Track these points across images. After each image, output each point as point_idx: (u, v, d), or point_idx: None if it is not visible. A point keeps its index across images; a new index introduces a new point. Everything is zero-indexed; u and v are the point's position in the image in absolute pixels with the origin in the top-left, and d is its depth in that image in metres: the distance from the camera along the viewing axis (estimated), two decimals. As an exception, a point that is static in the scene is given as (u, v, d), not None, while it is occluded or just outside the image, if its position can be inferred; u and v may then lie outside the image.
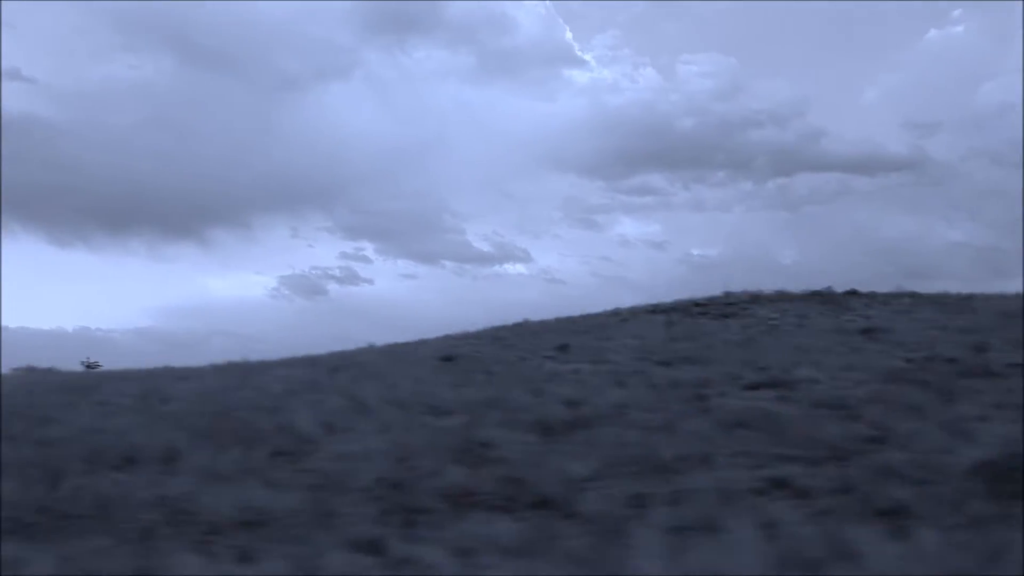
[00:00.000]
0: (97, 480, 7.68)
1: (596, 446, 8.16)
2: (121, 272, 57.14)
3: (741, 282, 25.37)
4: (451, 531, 5.98)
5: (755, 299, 24.26)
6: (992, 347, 12.64)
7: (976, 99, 55.50)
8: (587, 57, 63.00)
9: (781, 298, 24.87)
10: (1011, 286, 36.50)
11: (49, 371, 21.02)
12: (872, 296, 25.11)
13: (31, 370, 21.06)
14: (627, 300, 50.66)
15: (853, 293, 25.78)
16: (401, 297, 55.14)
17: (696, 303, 23.08)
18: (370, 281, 57.60)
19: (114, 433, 9.61)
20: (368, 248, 66.17)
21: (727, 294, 24.61)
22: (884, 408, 8.84)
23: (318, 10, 60.84)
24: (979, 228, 52.23)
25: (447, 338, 19.58)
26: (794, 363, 12.24)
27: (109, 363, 26.26)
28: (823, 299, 24.60)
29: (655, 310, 22.20)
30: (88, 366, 26.93)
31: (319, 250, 68.49)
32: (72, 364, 25.64)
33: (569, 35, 64.74)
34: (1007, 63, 55.76)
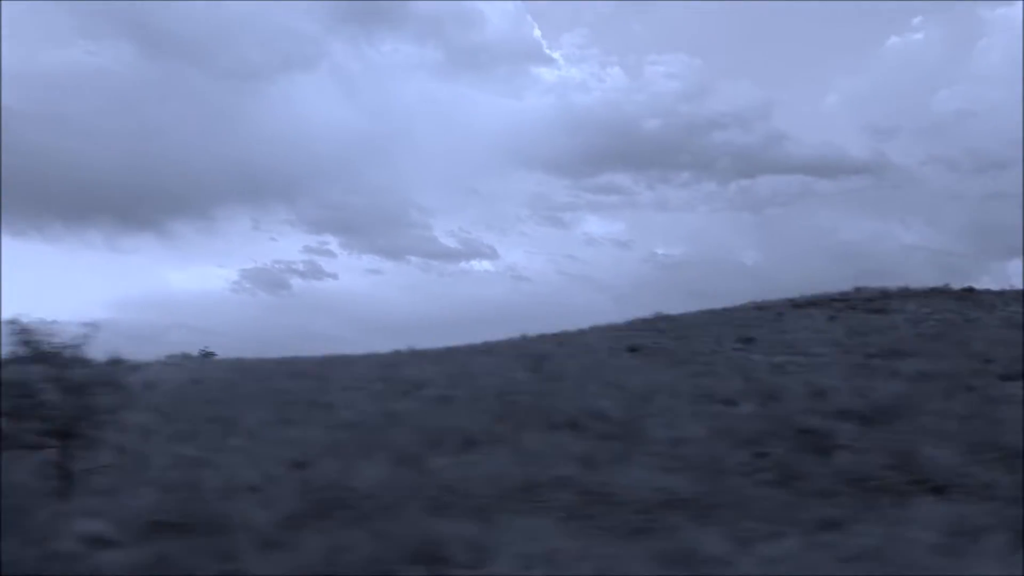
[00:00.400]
0: (465, 461, 7.94)
1: (930, 432, 8.28)
2: (78, 263, 56.06)
3: (708, 283, 24.72)
4: (900, 514, 6.12)
5: (886, 295, 24.18)
6: None
7: (934, 105, 54.31)
8: (555, 55, 61.89)
9: (908, 294, 24.80)
10: None
11: (218, 359, 21.42)
12: (998, 293, 25.02)
13: (187, 357, 21.46)
14: (593, 299, 48.67)
15: (970, 291, 25.77)
16: (366, 292, 52.19)
17: (833, 298, 23.00)
18: (334, 276, 55.56)
19: (414, 416, 9.88)
20: (332, 242, 63.66)
21: (858, 289, 24.55)
22: None
23: (285, 1, 60.53)
24: (935, 232, 51.88)
25: (605, 328, 19.70)
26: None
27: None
28: (949, 295, 24.55)
29: (796, 304, 22.16)
30: (205, 354, 27.08)
31: (282, 243, 63.90)
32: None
33: (537, 33, 63.39)
34: (964, 71, 56.19)
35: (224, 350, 26.17)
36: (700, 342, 16.62)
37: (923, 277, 43.23)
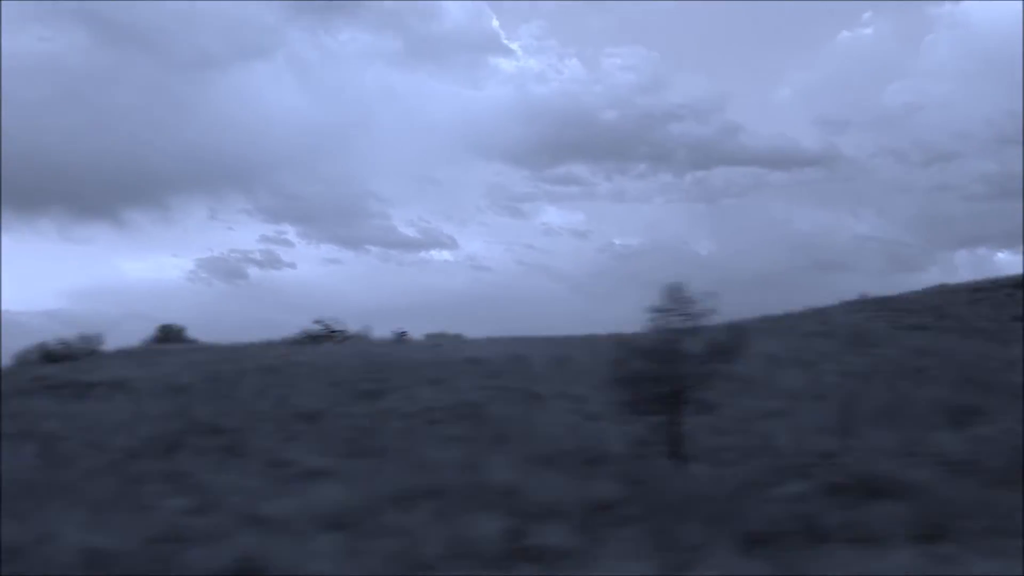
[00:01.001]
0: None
1: None
2: (31, 253, 55.64)
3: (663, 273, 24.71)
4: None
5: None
6: None
7: (883, 99, 57.66)
8: (513, 46, 62.69)
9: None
10: (912, 279, 45.33)
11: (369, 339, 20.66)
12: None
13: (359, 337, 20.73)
14: (552, 288, 53.45)
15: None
16: (324, 282, 54.67)
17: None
18: (292, 265, 56.60)
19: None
20: (290, 231, 64.20)
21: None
22: None
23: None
24: (884, 223, 54.72)
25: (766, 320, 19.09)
26: None
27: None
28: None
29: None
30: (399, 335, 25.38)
31: (239, 233, 64.55)
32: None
33: (496, 24, 64.33)
34: (913, 65, 60.36)
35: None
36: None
37: (873, 267, 48.27)
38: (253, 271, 55.06)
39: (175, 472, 9.17)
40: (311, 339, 20.62)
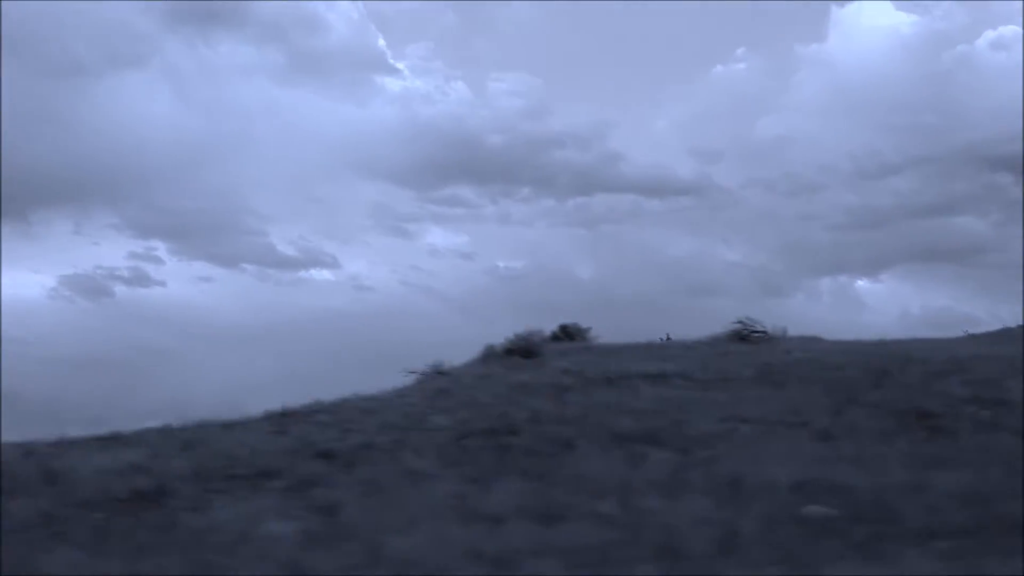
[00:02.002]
0: None
1: None
2: None
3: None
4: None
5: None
6: None
7: (755, 132, 57.86)
8: (400, 66, 59.03)
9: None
10: (778, 304, 45.26)
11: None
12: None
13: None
14: (436, 309, 48.54)
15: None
16: (196, 301, 50.81)
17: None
18: (162, 283, 51.15)
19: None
20: (160, 248, 59.75)
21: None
22: None
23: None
24: (754, 250, 56.70)
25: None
26: None
27: None
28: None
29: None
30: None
31: (105, 249, 55.29)
32: None
33: (382, 42, 60.84)
34: (782, 101, 61.46)
35: (41, 361, 24.00)
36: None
37: (742, 292, 46.70)
38: (120, 289, 53.30)
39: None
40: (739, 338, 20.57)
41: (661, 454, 8.31)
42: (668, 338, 20.12)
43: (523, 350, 14.49)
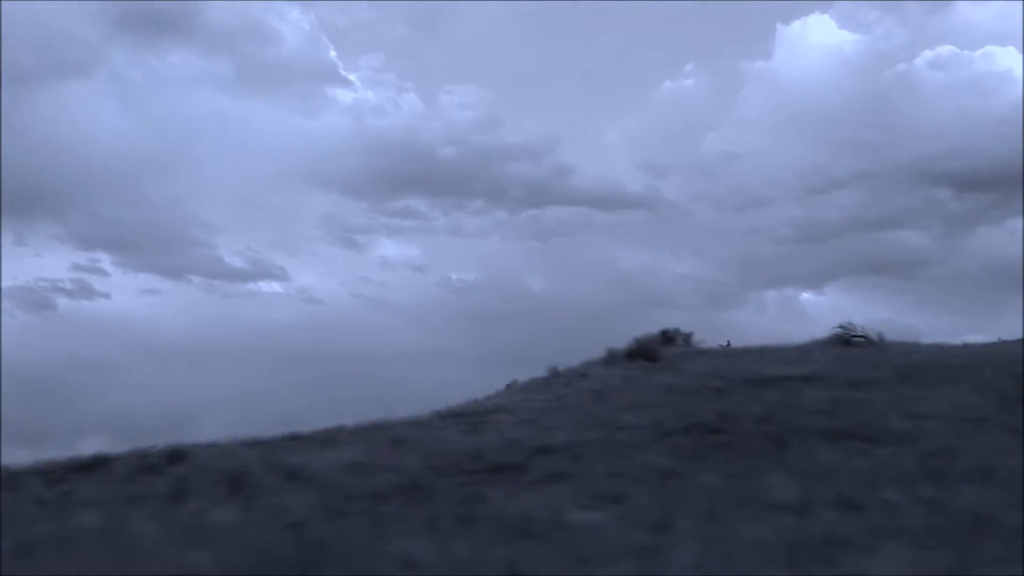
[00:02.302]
0: None
1: None
2: None
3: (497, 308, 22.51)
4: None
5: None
6: None
7: (703, 147, 59.19)
8: (351, 77, 59.25)
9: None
10: (726, 316, 47.66)
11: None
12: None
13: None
14: (388, 322, 48.73)
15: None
16: (141, 313, 50.52)
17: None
18: (106, 296, 51.28)
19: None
20: (105, 260, 58.61)
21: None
22: None
23: (60, 2, 54.55)
24: (702, 263, 57.54)
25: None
26: None
27: None
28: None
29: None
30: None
31: (48, 260, 55.86)
32: None
33: (333, 54, 61.44)
34: (730, 116, 61.96)
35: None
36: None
37: (690, 304, 48.75)
38: (63, 301, 50.75)
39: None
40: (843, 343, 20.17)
41: (881, 449, 8.51)
42: (728, 344, 20.45)
43: (645, 354, 14.67)
